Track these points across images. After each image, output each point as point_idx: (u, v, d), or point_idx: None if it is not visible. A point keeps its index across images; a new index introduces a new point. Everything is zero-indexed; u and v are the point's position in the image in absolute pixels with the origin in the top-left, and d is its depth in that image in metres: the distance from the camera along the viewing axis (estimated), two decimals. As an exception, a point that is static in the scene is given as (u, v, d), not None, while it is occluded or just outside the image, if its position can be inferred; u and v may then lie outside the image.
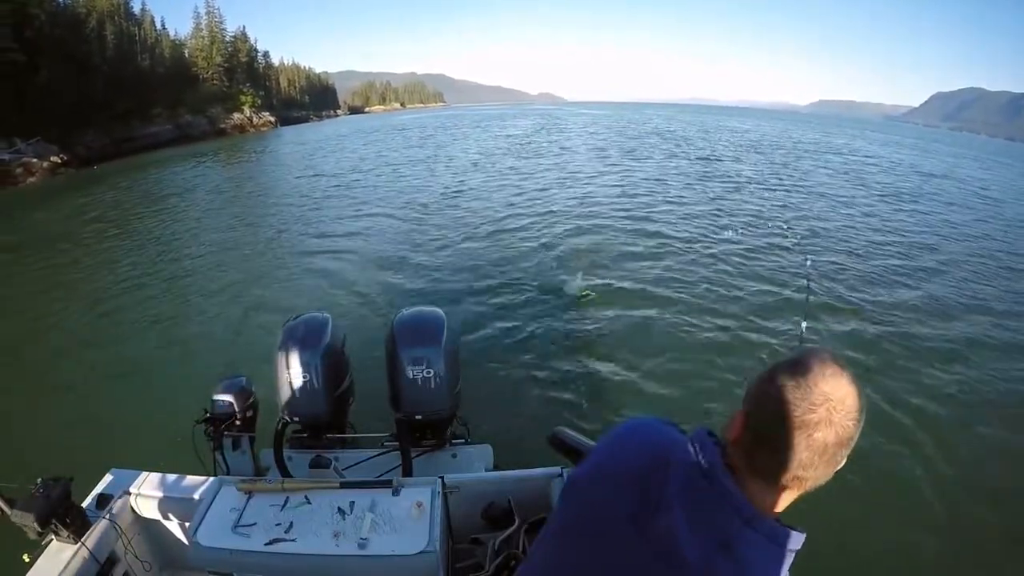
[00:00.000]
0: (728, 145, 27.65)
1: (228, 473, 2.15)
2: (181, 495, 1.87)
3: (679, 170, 17.79)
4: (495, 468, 2.27)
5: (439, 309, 2.39)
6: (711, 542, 0.68)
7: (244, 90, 52.93)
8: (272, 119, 54.31)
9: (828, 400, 0.64)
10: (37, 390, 4.81)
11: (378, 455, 2.27)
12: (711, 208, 11.98)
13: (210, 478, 1.89)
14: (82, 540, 1.63)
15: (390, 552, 1.53)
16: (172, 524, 1.94)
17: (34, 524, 1.52)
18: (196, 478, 1.92)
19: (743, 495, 0.69)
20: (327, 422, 2.25)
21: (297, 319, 2.26)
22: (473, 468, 2.23)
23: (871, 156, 27.24)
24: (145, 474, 1.95)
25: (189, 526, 1.64)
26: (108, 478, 1.94)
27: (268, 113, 55.12)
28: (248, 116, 50.13)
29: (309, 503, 1.69)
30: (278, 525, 1.61)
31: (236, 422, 2.20)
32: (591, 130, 35.91)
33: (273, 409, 2.23)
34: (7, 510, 1.52)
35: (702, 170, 17.91)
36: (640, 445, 0.82)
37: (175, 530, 1.94)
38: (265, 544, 1.55)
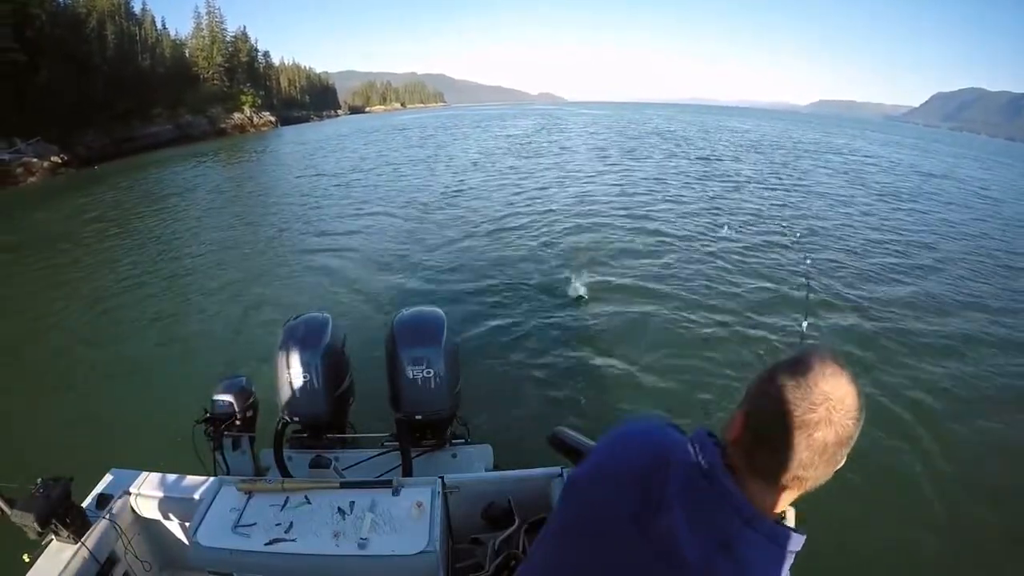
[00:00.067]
0: (728, 145, 27.64)
1: (228, 473, 2.15)
2: (181, 495, 1.87)
3: (679, 169, 17.79)
4: (495, 468, 2.27)
5: (439, 309, 2.39)
6: (711, 542, 0.68)
7: (244, 90, 52.92)
8: (272, 119, 54.30)
9: (828, 399, 0.64)
10: (37, 390, 4.81)
11: (378, 455, 2.27)
12: (710, 207, 11.99)
13: (210, 478, 1.89)
14: (82, 540, 1.63)
15: (390, 552, 1.53)
16: (172, 524, 1.94)
17: (34, 524, 1.52)
18: (196, 478, 1.92)
19: (743, 495, 0.69)
20: (327, 422, 2.25)
21: (297, 319, 2.27)
22: (473, 468, 2.23)
23: (871, 156, 27.22)
24: (145, 474, 1.95)
25: (189, 526, 1.64)
26: (108, 478, 1.94)
27: (268, 113, 55.11)
28: (248, 116, 50.11)
29: (309, 503, 1.69)
30: (278, 525, 1.61)
31: (236, 422, 2.20)
32: (591, 130, 35.88)
33: (273, 409, 2.23)
34: (7, 510, 1.52)
35: (702, 169, 17.91)
36: (640, 445, 0.82)
37: (175, 530, 1.95)
38: (265, 544, 1.55)
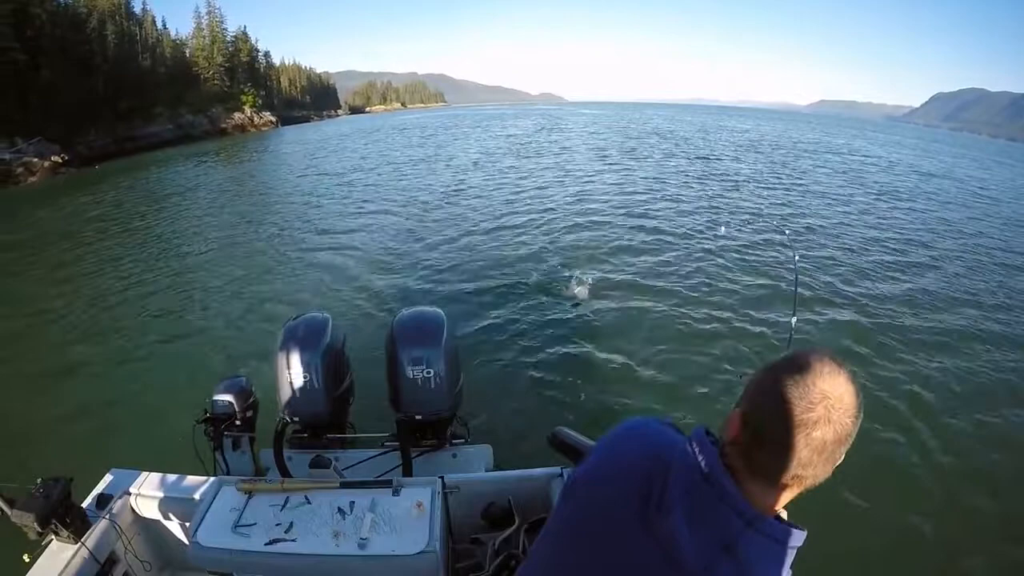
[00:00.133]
0: (728, 144, 27.65)
1: (228, 473, 2.15)
2: (181, 495, 1.87)
3: (678, 169, 17.82)
4: (495, 468, 2.26)
5: (439, 309, 2.38)
6: (713, 544, 0.68)
7: (245, 90, 52.97)
8: (273, 119, 54.34)
9: (826, 398, 0.64)
10: (37, 390, 4.81)
11: (378, 455, 2.27)
12: (709, 205, 12.03)
13: (210, 478, 1.89)
14: (82, 540, 1.63)
15: (390, 552, 1.53)
16: (172, 524, 1.94)
17: (34, 524, 1.52)
18: (196, 478, 1.92)
19: (744, 496, 0.69)
20: (327, 422, 2.24)
21: (297, 319, 2.26)
22: (473, 468, 2.22)
23: (870, 156, 27.20)
24: (145, 474, 1.95)
25: (189, 526, 1.63)
26: (108, 478, 1.94)
27: (269, 113, 55.17)
28: (249, 116, 50.15)
29: (309, 503, 1.69)
30: (278, 525, 1.61)
31: (236, 422, 2.20)
32: (591, 130, 35.89)
33: (273, 409, 2.22)
34: (7, 510, 1.52)
35: (701, 169, 17.94)
36: (641, 447, 0.81)
37: (175, 530, 1.95)
38: (265, 544, 1.55)
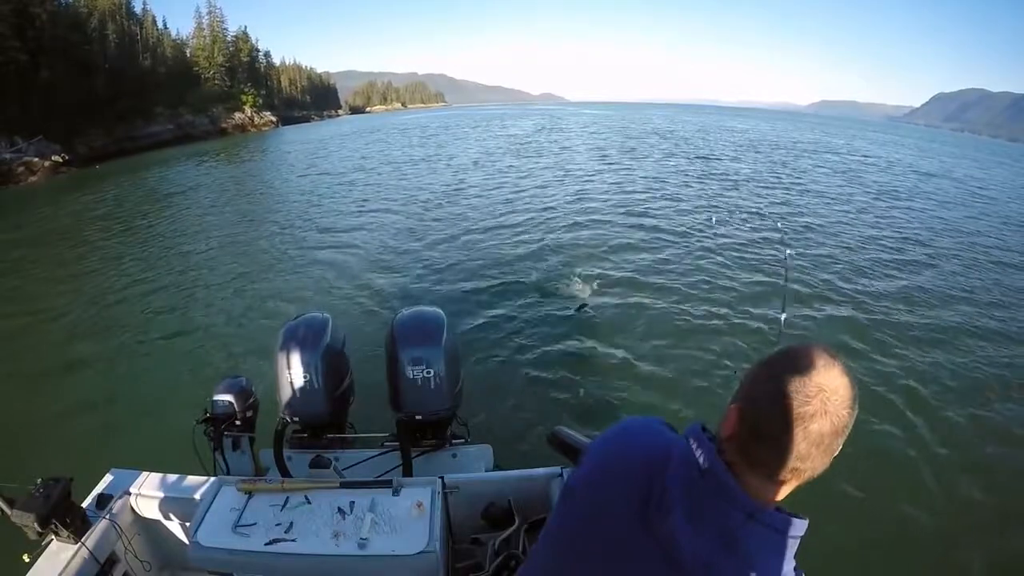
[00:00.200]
0: (728, 145, 27.65)
1: (228, 473, 2.15)
2: (181, 495, 1.87)
3: (678, 168, 17.82)
4: (495, 468, 2.26)
5: (439, 309, 2.38)
6: (715, 541, 0.68)
7: (245, 90, 52.99)
8: (273, 119, 54.38)
9: (822, 391, 0.64)
10: (37, 389, 4.81)
11: (378, 455, 2.26)
12: (708, 204, 12.06)
13: (210, 478, 1.89)
14: (82, 540, 1.63)
15: (390, 552, 1.53)
16: (172, 524, 1.94)
17: (34, 524, 1.52)
18: (196, 478, 1.92)
19: (743, 490, 0.69)
20: (327, 422, 2.25)
21: (297, 319, 2.26)
22: (473, 468, 2.22)
23: (869, 156, 27.24)
24: (145, 474, 1.95)
25: (189, 526, 1.63)
26: (108, 478, 1.94)
27: (269, 113, 55.20)
28: (249, 116, 50.18)
29: (309, 503, 1.69)
30: (278, 525, 1.60)
31: (236, 422, 2.20)
32: (592, 130, 35.90)
33: (273, 409, 2.22)
34: (7, 510, 1.52)
35: (701, 168, 17.95)
36: (638, 446, 0.81)
37: (175, 530, 1.95)
38: (265, 544, 1.55)
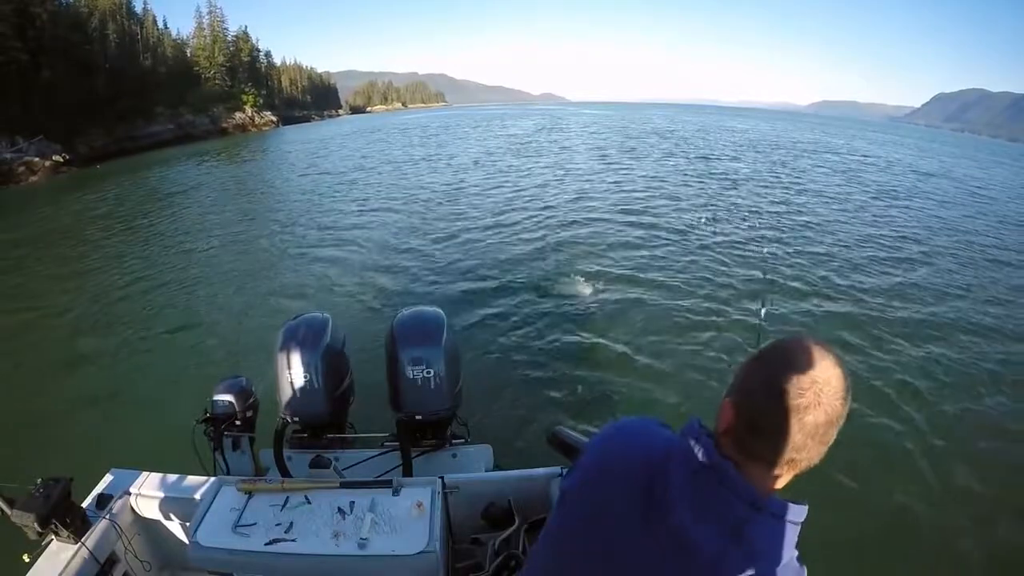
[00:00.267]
0: (727, 144, 27.68)
1: (228, 473, 2.15)
2: (181, 495, 1.86)
3: (677, 168, 17.85)
4: (495, 468, 2.26)
5: (439, 309, 2.38)
6: (721, 532, 0.68)
7: (246, 89, 53.04)
8: (274, 118, 54.42)
9: (815, 383, 0.65)
10: (38, 389, 4.81)
11: (378, 455, 2.26)
12: (707, 203, 12.08)
13: (210, 478, 1.88)
14: (82, 540, 1.62)
15: (390, 552, 1.53)
16: (172, 524, 1.93)
17: (34, 524, 1.52)
18: (196, 478, 1.92)
19: (745, 481, 0.69)
20: (327, 422, 2.25)
21: (297, 319, 2.26)
22: (473, 468, 2.22)
23: (869, 155, 27.27)
24: (145, 474, 1.95)
25: (189, 526, 1.63)
26: (108, 478, 1.94)
27: (270, 112, 55.24)
28: (250, 115, 50.21)
29: (309, 503, 1.68)
30: (278, 525, 1.60)
31: (236, 422, 2.19)
32: (592, 130, 35.92)
33: (273, 409, 2.22)
34: (7, 510, 1.52)
35: (700, 168, 17.97)
36: (639, 446, 0.81)
37: (175, 530, 1.94)
38: (265, 544, 1.55)
